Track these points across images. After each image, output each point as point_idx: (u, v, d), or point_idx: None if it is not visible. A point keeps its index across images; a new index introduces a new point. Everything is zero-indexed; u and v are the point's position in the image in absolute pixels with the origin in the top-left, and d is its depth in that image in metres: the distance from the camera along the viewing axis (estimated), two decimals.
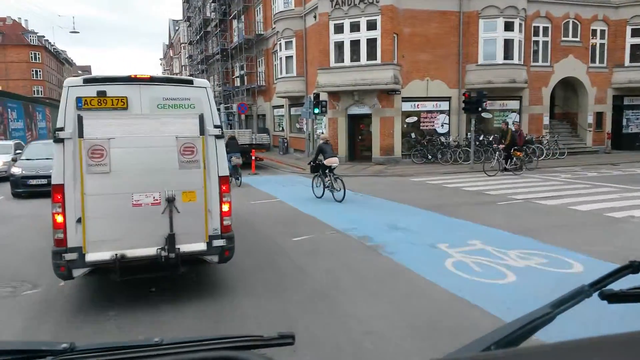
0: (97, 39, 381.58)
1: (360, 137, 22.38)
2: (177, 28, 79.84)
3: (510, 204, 11.62)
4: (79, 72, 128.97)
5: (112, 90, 5.01)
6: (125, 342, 0.91)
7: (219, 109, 33.55)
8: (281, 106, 29.10)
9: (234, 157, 15.30)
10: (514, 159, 16.94)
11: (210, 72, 45.61)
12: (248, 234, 8.72)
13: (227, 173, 5.49)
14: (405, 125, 21.40)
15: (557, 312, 0.99)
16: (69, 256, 4.83)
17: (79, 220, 4.85)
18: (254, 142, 21.09)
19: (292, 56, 25.39)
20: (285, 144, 27.84)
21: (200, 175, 5.21)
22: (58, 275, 5.00)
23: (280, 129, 30.09)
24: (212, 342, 0.89)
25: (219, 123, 5.48)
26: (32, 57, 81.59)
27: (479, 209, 11.00)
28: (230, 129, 26.91)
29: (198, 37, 44.96)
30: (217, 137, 5.35)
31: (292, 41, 25.24)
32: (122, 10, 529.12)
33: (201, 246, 5.28)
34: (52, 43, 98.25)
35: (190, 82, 5.43)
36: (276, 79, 27.16)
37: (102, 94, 4.95)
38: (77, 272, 4.91)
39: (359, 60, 20.69)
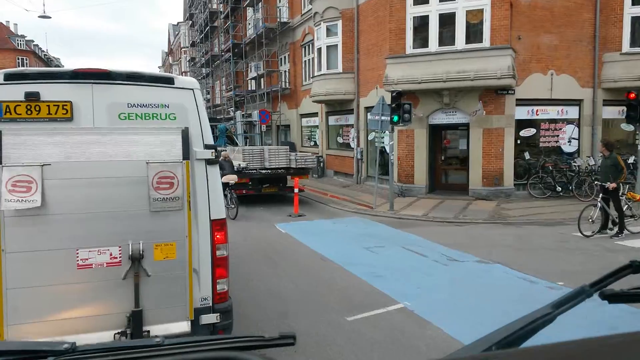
0: (96, 50, 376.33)
1: (443, 158, 15.38)
2: (177, 32, 73.43)
3: None
4: None
5: (49, 91, 3.38)
6: (126, 342, 1.00)
7: (230, 119, 26.66)
8: (314, 114, 22.16)
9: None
10: (629, 205, 9.75)
11: (216, 75, 38.77)
12: None
13: (222, 215, 3.81)
14: (518, 141, 14.41)
15: (557, 313, 0.99)
16: None
17: None
18: (293, 165, 14.05)
19: (336, 45, 18.52)
20: (322, 164, 20.83)
21: (182, 219, 3.60)
22: None
23: (312, 143, 23.10)
24: (213, 342, 0.89)
25: (211, 141, 3.78)
26: (19, 62, 74.93)
27: None
28: (248, 144, 19.93)
29: (202, 35, 38.24)
30: (209, 162, 3.73)
31: (336, 25, 18.40)
32: (124, 21, 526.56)
33: (183, 327, 3.62)
34: (45, 50, 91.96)
35: (169, 81, 3.72)
36: (311, 78, 20.25)
37: (33, 97, 3.34)
38: None
39: (453, 44, 13.81)
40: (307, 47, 22.70)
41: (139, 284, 3.53)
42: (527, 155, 14.57)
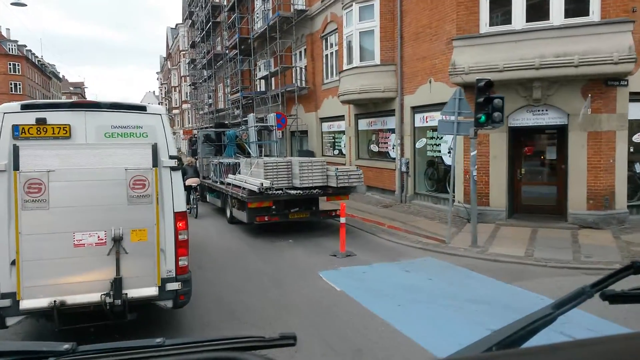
0: (97, 58, 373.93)
1: (521, 172, 11.79)
2: (175, 35, 70.17)
3: None
4: (71, 88, 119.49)
5: (53, 117, 4.61)
6: (127, 343, 0.92)
7: (238, 124, 23.26)
8: (339, 117, 18.64)
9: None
10: None
11: (219, 77, 35.27)
12: None
13: (183, 209, 5.06)
14: (631, 149, 10.87)
15: (558, 313, 0.99)
16: (2, 303, 4.41)
17: (13, 263, 4.44)
18: (333, 184, 10.49)
19: (372, 31, 15.01)
20: None
21: (152, 211, 4.81)
22: None
23: (336, 152, 19.56)
24: (213, 343, 0.89)
25: (175, 153, 5.03)
26: (10, 68, 71.66)
27: None
28: (264, 154, 16.38)
29: (203, 33, 34.81)
30: (173, 169, 4.95)
31: (372, 5, 14.89)
32: (125, 29, 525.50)
33: (152, 291, 4.80)
34: (40, 57, 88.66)
35: (142, 109, 5.02)
36: (338, 73, 16.70)
37: (41, 121, 4.54)
38: (11, 321, 4.49)
39: (547, 19, 10.32)
40: (328, 38, 19.25)
41: (120, 258, 4.66)
42: (638, 168, 11.04)
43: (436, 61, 12.52)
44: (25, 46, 76.87)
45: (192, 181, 13.83)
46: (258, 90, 26.08)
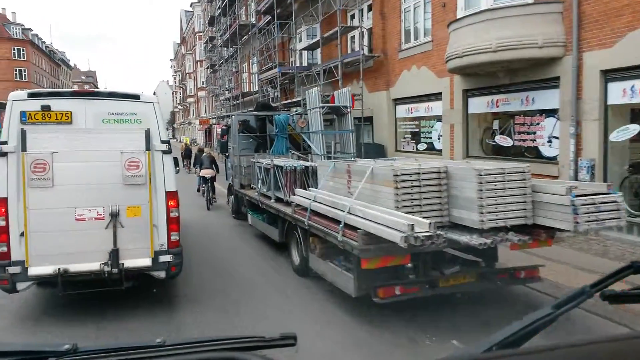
0: (111, 46, 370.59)
1: None
2: (190, 18, 64.68)
3: None
4: (82, 77, 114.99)
5: (56, 104, 5.22)
6: (128, 343, 0.92)
7: (275, 109, 17.71)
8: (428, 97, 12.87)
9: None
10: None
11: (244, 55, 29.59)
12: None
13: (174, 188, 5.54)
14: None
15: (558, 313, 0.98)
16: (13, 269, 5.02)
17: (22, 234, 5.06)
18: (552, 223, 4.76)
19: None
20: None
21: (145, 190, 5.38)
22: (2, 288, 5.19)
23: (423, 147, 13.79)
24: (214, 343, 0.89)
25: (166, 138, 5.58)
26: (14, 53, 66.79)
27: None
28: (334, 151, 10.59)
29: (225, 2, 29.13)
30: (164, 152, 5.50)
31: None
32: (141, 15, 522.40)
33: (146, 262, 5.40)
34: (49, 43, 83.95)
35: (136, 97, 5.57)
36: (449, 25, 10.84)
37: (46, 108, 5.13)
38: (21, 286, 5.13)
39: None
40: None
41: (116, 232, 5.26)
42: None
43: None
44: (30, 30, 72.00)
45: (207, 172, 13.86)
46: (298, 65, 20.39)
